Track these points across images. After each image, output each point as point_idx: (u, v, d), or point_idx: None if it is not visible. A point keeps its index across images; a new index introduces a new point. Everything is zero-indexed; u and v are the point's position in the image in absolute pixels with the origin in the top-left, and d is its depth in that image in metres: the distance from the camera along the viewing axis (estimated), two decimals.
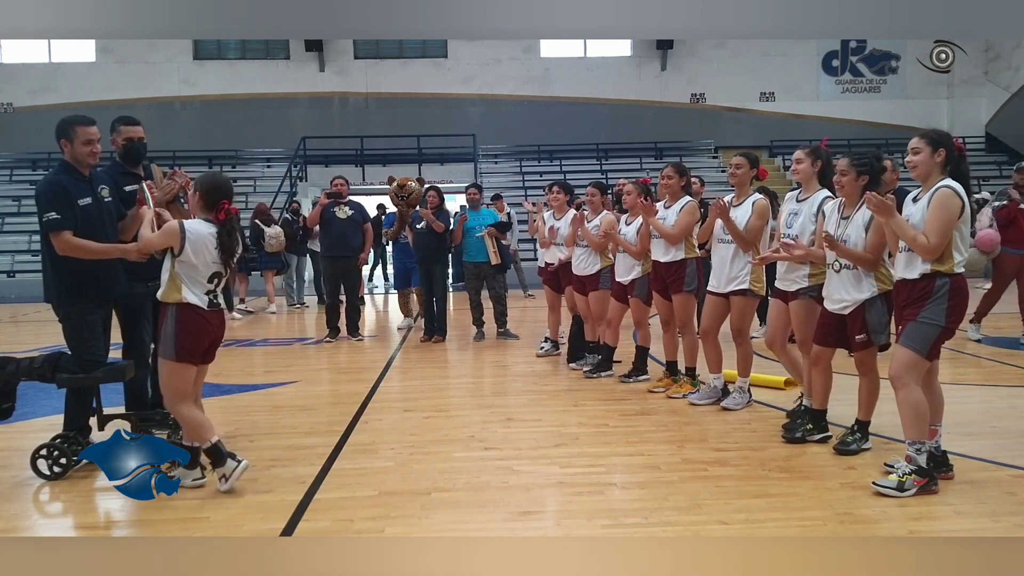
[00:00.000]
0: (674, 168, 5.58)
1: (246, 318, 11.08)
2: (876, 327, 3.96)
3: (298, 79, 21.54)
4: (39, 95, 20.73)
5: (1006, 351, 7.25)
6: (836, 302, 4.06)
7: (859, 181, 3.99)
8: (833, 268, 4.07)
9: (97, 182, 4.10)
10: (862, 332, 3.98)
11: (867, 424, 4.14)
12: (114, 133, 4.42)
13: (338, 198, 8.48)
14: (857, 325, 3.99)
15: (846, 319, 4.04)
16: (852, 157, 4.03)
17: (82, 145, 3.96)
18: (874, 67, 22.19)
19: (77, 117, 4.04)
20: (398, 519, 3.36)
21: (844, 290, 4.01)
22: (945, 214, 3.41)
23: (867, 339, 3.97)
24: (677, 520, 3.27)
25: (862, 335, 3.98)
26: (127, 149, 4.43)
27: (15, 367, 3.91)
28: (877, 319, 3.95)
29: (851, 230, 3.96)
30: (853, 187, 4.01)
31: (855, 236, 3.93)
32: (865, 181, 4.00)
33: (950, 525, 3.22)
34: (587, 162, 21.12)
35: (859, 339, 4.00)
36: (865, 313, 3.95)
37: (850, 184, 4.01)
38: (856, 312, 3.98)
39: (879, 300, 3.94)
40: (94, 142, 3.99)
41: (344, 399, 5.74)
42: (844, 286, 4.01)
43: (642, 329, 6.05)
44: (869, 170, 4.01)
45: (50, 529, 3.49)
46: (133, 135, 4.42)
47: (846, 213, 4.06)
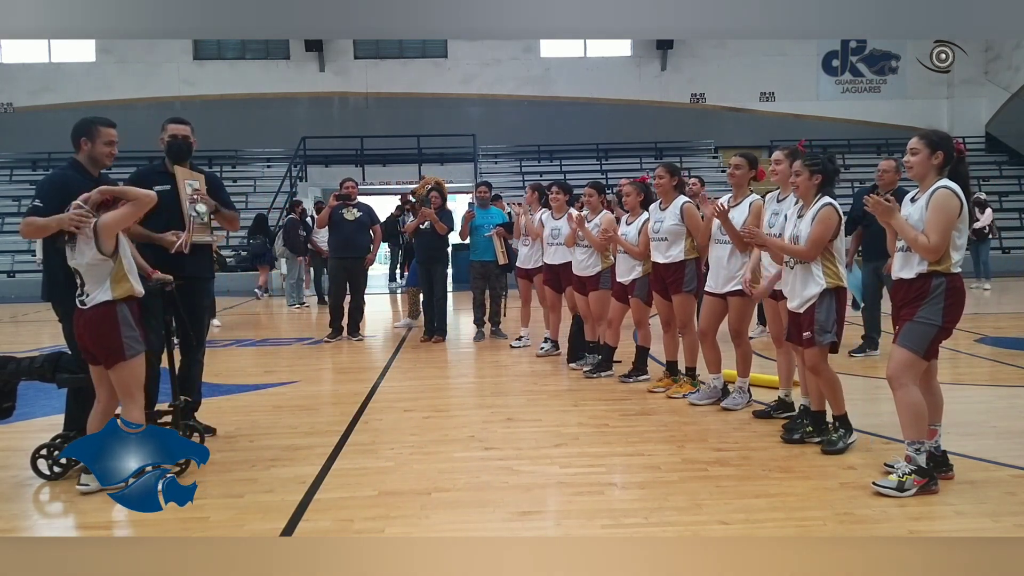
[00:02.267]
0: (665, 168, 5.59)
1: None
2: (824, 325, 4.01)
3: (298, 79, 21.55)
4: (39, 95, 20.76)
5: (1006, 351, 7.25)
6: (792, 299, 4.18)
7: (812, 180, 4.12)
8: (788, 265, 4.18)
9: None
10: (808, 329, 4.04)
11: (844, 417, 4.18)
12: (162, 132, 4.57)
13: (347, 200, 8.53)
14: (806, 322, 4.05)
15: (800, 316, 4.11)
16: (805, 158, 4.18)
17: (103, 145, 4.02)
18: (874, 67, 22.21)
19: (99, 118, 4.12)
20: (398, 519, 3.36)
21: (796, 287, 4.11)
22: (945, 214, 3.42)
23: (812, 337, 4.02)
24: (677, 520, 3.27)
25: (807, 332, 4.04)
26: (170, 146, 4.56)
27: (15, 367, 3.91)
28: (825, 316, 4.01)
29: (802, 227, 4.09)
30: (807, 186, 4.13)
31: (806, 232, 4.04)
32: (819, 180, 4.12)
33: (950, 525, 3.22)
34: (587, 162, 21.13)
35: (804, 336, 4.07)
36: (815, 311, 4.02)
37: (804, 183, 4.14)
38: (808, 309, 4.06)
39: (828, 296, 4.01)
40: (114, 143, 4.06)
41: (344, 399, 5.74)
42: (796, 283, 4.11)
43: (642, 329, 6.05)
44: (822, 169, 4.12)
45: (50, 529, 3.49)
46: (178, 133, 4.55)
47: (802, 212, 4.19)
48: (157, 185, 4.39)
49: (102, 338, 3.52)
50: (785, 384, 4.85)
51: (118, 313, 3.52)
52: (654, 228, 5.54)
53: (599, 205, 6.45)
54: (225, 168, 21.07)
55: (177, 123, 4.57)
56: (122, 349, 3.51)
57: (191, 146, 4.60)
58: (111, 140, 4.04)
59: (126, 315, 3.54)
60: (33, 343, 8.52)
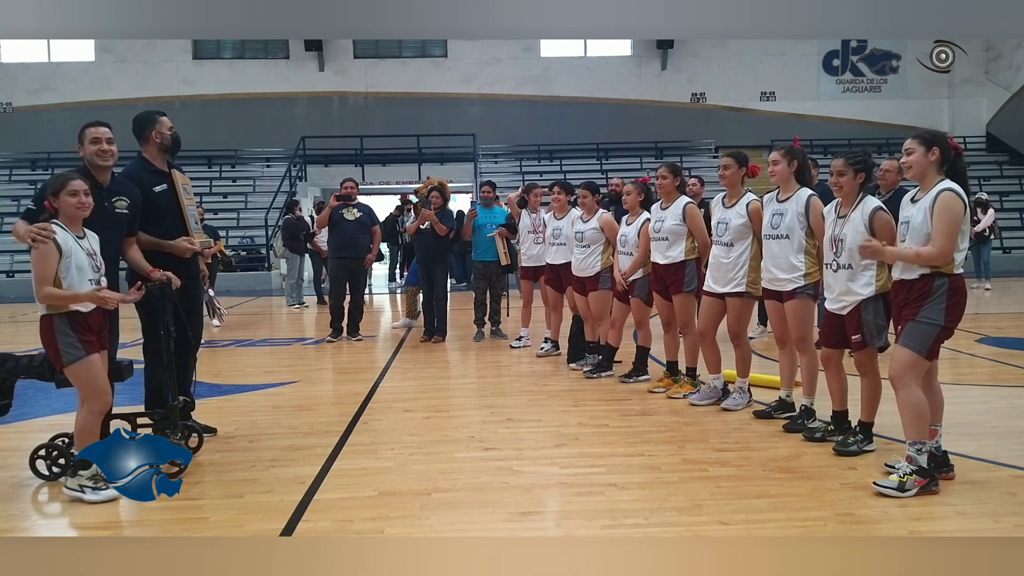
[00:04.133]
0: (668, 168, 5.58)
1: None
2: (872, 328, 3.94)
3: (297, 79, 21.54)
4: (39, 95, 20.76)
5: (1006, 351, 7.25)
6: (835, 302, 4.07)
7: (857, 179, 3.99)
8: (831, 268, 4.07)
9: (112, 193, 4.06)
10: (857, 332, 3.98)
11: (870, 426, 4.13)
12: (156, 126, 4.48)
13: (348, 200, 8.53)
14: (853, 325, 3.99)
15: (844, 319, 4.04)
16: (847, 156, 4.02)
17: (89, 144, 3.98)
18: (874, 67, 22.20)
19: (90, 121, 4.10)
20: (398, 519, 3.36)
21: (842, 290, 4.02)
22: (951, 217, 3.40)
23: (862, 340, 3.97)
24: (677, 520, 3.27)
25: (857, 335, 3.99)
26: (175, 140, 4.50)
27: (14, 364, 3.91)
28: (873, 319, 3.94)
29: (847, 229, 3.96)
30: (851, 186, 3.99)
31: (852, 235, 3.93)
32: (863, 179, 4.00)
33: (951, 525, 3.22)
34: (587, 162, 21.12)
35: (855, 339, 4.01)
36: (862, 313, 3.95)
37: (848, 183, 3.99)
38: (853, 312, 3.99)
39: (877, 300, 3.93)
40: (100, 141, 3.99)
41: (344, 399, 5.74)
42: (842, 286, 4.02)
43: (643, 329, 6.05)
44: (864, 167, 4.01)
45: (50, 529, 3.49)
46: (172, 126, 4.49)
47: (843, 212, 4.06)
48: (154, 185, 4.39)
49: (46, 345, 3.64)
50: (787, 384, 4.84)
51: (54, 324, 3.57)
52: (655, 228, 5.53)
53: (594, 205, 6.45)
54: (224, 168, 21.08)
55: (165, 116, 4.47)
56: (60, 356, 3.59)
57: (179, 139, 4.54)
58: (95, 138, 3.98)
59: (63, 325, 3.57)
60: (33, 343, 8.48)
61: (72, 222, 3.63)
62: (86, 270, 3.61)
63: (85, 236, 3.70)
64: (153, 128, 4.42)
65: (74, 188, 3.60)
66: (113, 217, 4.04)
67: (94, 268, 3.67)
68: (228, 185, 20.42)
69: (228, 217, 18.73)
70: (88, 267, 3.62)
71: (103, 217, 3.96)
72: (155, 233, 4.33)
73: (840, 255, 4.00)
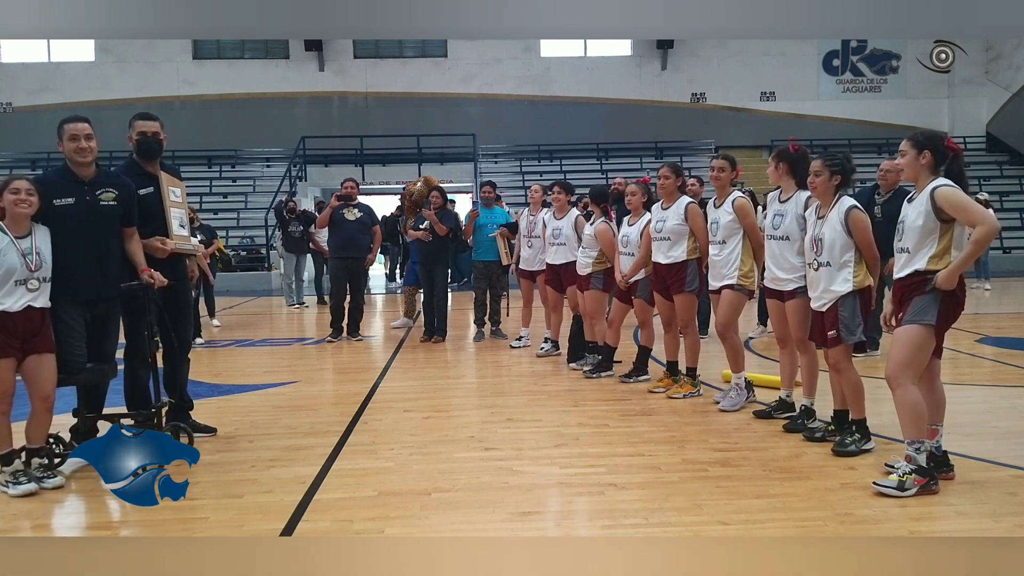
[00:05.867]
0: (670, 168, 5.59)
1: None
2: (849, 324, 4.00)
3: (297, 79, 21.54)
4: (38, 95, 20.75)
5: (1007, 351, 7.25)
6: (816, 299, 4.16)
7: (832, 181, 4.08)
8: (812, 267, 4.16)
9: (97, 186, 4.03)
10: (833, 328, 4.04)
11: (863, 422, 4.15)
12: (130, 129, 4.42)
13: (348, 200, 8.53)
14: (831, 320, 4.05)
15: (823, 316, 4.10)
16: (825, 158, 4.12)
17: (68, 141, 3.95)
18: (875, 67, 22.20)
19: (69, 116, 4.05)
20: (398, 519, 3.35)
21: (822, 287, 4.08)
22: (959, 199, 3.40)
23: (837, 335, 4.02)
24: (677, 520, 3.27)
25: (833, 331, 4.04)
26: (140, 144, 4.42)
27: None
28: (850, 316, 4.00)
29: (826, 228, 4.05)
30: (826, 187, 4.10)
31: (830, 234, 4.01)
32: (838, 181, 4.09)
33: (951, 525, 3.22)
34: (587, 162, 21.12)
35: (831, 335, 4.06)
36: (839, 309, 4.02)
37: (823, 184, 4.10)
38: (831, 308, 4.05)
39: (854, 296, 4.00)
40: (78, 138, 3.94)
41: (344, 399, 5.74)
42: (821, 283, 4.08)
43: (645, 329, 6.05)
44: (841, 170, 4.08)
45: (50, 529, 3.48)
46: (147, 130, 4.40)
47: (821, 213, 4.14)
48: (141, 188, 4.35)
49: None
50: (787, 384, 4.84)
51: None
52: (656, 228, 5.53)
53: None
54: (224, 168, 21.08)
55: (146, 119, 4.40)
56: None
57: (161, 143, 4.45)
58: (72, 135, 3.94)
59: None
60: None
61: (15, 221, 3.70)
62: (16, 271, 3.65)
63: (30, 235, 3.73)
64: (130, 131, 4.41)
65: (15, 187, 3.69)
66: (99, 210, 4.02)
67: (28, 268, 3.70)
68: (228, 185, 20.43)
69: (228, 217, 18.74)
70: (20, 267, 3.66)
71: (88, 211, 3.96)
72: (141, 235, 4.30)
73: (821, 254, 4.08)
